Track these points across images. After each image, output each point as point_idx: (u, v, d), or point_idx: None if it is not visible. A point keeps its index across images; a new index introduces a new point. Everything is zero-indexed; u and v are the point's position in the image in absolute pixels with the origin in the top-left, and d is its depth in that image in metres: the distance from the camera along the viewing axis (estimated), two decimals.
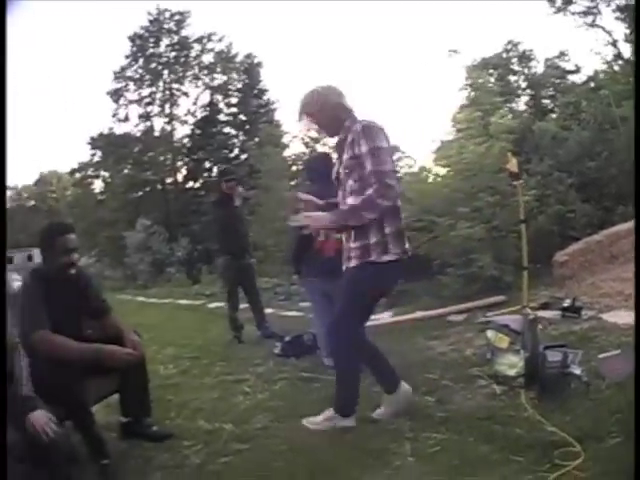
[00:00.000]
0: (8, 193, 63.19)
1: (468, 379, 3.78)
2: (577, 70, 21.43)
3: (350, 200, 3.17)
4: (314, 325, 5.03)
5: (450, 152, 8.17)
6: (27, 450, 2.59)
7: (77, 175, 38.82)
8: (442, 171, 9.03)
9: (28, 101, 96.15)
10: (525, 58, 23.60)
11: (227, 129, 35.25)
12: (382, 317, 6.19)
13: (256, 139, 25.71)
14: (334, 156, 3.55)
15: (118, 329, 3.38)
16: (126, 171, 35.06)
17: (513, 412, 3.11)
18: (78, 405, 3.03)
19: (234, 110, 35.36)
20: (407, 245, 3.27)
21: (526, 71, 23.36)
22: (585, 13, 16.86)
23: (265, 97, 34.64)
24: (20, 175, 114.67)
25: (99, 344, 3.15)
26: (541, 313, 4.82)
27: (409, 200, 7.86)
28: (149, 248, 24.75)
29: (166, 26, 35.37)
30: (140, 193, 34.82)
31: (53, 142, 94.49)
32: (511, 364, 3.59)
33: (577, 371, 3.27)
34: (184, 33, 35.59)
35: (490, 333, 3.93)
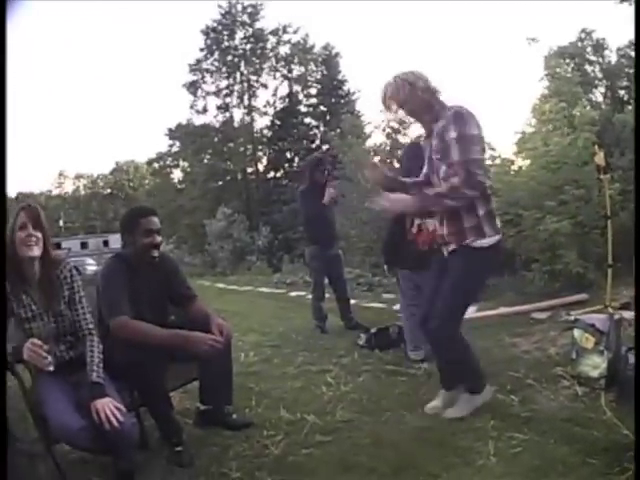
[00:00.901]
0: (83, 181, 65.91)
1: (551, 379, 3.75)
2: None
3: (443, 185, 3.10)
4: (402, 317, 4.97)
5: (534, 144, 8.05)
6: (94, 439, 2.53)
7: (155, 165, 40.22)
8: (524, 163, 8.89)
9: (105, 93, 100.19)
10: (599, 47, 22.60)
11: (307, 120, 35.65)
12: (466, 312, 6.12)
13: (337, 130, 25.75)
14: (425, 142, 3.42)
15: (204, 315, 3.30)
16: (206, 161, 36.01)
17: (593, 414, 3.10)
18: (155, 390, 3.04)
19: (314, 101, 35.73)
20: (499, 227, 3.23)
21: (601, 60, 22.36)
22: None
23: (345, 88, 34.74)
24: (95, 164, 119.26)
25: (183, 331, 3.08)
26: (623, 313, 4.69)
27: (495, 192, 7.85)
28: (230, 236, 25.19)
29: (239, 19, 36.00)
30: (220, 182, 35.61)
31: (129, 133, 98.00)
32: (595, 365, 3.55)
33: None
34: (258, 25, 36.21)
35: (577, 332, 3.81)
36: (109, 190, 63.40)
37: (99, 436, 2.52)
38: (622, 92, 20.24)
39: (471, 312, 6.25)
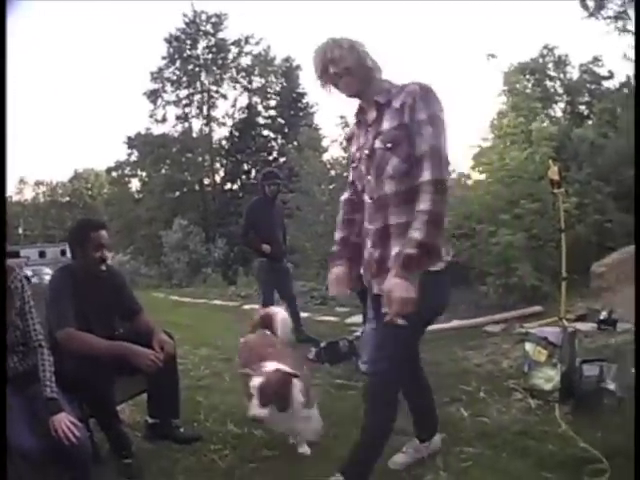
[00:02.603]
0: (42, 189, 64.76)
1: (504, 392, 3.77)
2: (611, 76, 20.92)
3: (393, 186, 2.40)
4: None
5: (491, 158, 8.12)
6: (48, 453, 2.50)
7: (114, 174, 39.61)
8: (480, 177, 8.95)
9: (63, 98, 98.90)
10: (561, 63, 23.01)
11: (266, 132, 35.61)
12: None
13: (295, 142, 25.78)
14: (358, 130, 2.67)
15: (149, 329, 3.30)
16: (164, 171, 35.60)
17: (547, 427, 3.11)
18: (104, 403, 3.02)
19: (273, 113, 35.71)
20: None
21: (562, 76, 22.86)
22: (616, 18, 16.51)
23: (304, 100, 34.77)
24: (55, 171, 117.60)
25: (127, 343, 3.07)
26: (578, 325, 4.77)
27: (449, 206, 7.88)
28: (186, 247, 25.10)
29: (203, 28, 35.85)
30: (178, 193, 35.33)
31: (88, 140, 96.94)
32: (548, 378, 3.56)
33: (611, 386, 3.25)
34: (221, 35, 36.04)
35: (529, 345, 3.82)
36: (68, 198, 62.27)
37: (53, 451, 2.49)
38: (582, 107, 20.71)
39: None
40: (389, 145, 2.39)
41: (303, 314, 6.92)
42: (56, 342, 2.94)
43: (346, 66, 2.42)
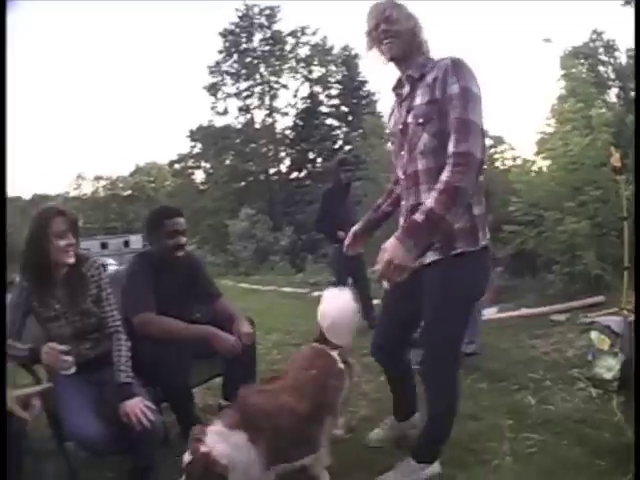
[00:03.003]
0: (101, 183, 66.05)
1: (568, 380, 3.80)
2: None
3: (424, 162, 2.38)
4: None
5: (554, 144, 8.08)
6: (115, 440, 2.48)
7: (177, 166, 40.25)
8: (545, 163, 8.87)
9: (125, 96, 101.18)
10: (610, 48, 22.20)
11: (329, 120, 35.52)
12: (487, 312, 6.07)
13: (359, 130, 25.74)
14: (395, 103, 2.67)
15: (229, 314, 3.26)
16: (228, 162, 35.95)
17: (605, 416, 3.15)
18: (179, 387, 2.96)
19: (335, 102, 35.59)
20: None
21: (612, 61, 22.01)
22: None
23: (365, 88, 34.50)
24: (115, 166, 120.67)
25: (208, 326, 3.05)
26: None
27: (516, 193, 7.90)
28: (253, 236, 25.31)
29: (257, 21, 36.00)
30: (243, 183, 35.64)
31: (149, 135, 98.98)
32: (609, 367, 3.60)
33: None
34: (276, 27, 36.15)
35: (594, 334, 3.82)
36: (129, 191, 63.40)
37: (119, 438, 2.48)
38: (632, 94, 19.95)
39: (492, 313, 6.36)
40: (421, 120, 2.35)
41: (375, 301, 6.58)
42: (131, 328, 2.91)
43: (398, 29, 2.41)
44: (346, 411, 3.21)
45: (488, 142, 12.21)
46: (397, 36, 2.42)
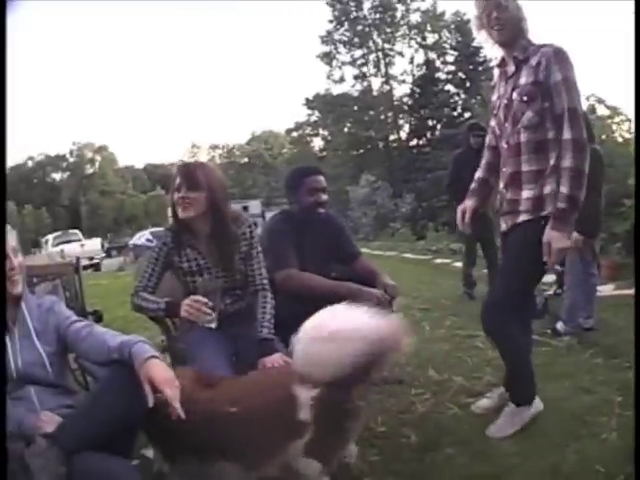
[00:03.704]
0: (218, 152, 67.91)
1: None
2: None
3: (526, 136, 2.66)
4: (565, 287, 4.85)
5: None
6: None
7: (294, 134, 41.23)
8: None
9: (237, 67, 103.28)
10: None
11: (447, 87, 34.63)
12: (603, 290, 5.83)
13: (478, 97, 25.09)
14: (499, 80, 2.95)
15: (370, 271, 3.28)
16: (346, 129, 35.91)
17: None
18: None
19: (451, 68, 34.71)
20: None
21: None
22: None
23: (481, 54, 33.28)
24: (230, 136, 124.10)
25: (350, 283, 3.04)
26: None
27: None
28: (373, 203, 25.27)
29: None
30: (362, 150, 35.59)
31: (264, 105, 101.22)
32: None
33: None
34: None
35: None
36: (246, 159, 64.97)
37: None
38: None
39: (608, 290, 6.12)
40: (525, 98, 2.64)
41: None
42: (272, 286, 2.87)
43: (508, 16, 2.65)
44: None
45: (605, 112, 11.64)
46: (507, 23, 2.67)
